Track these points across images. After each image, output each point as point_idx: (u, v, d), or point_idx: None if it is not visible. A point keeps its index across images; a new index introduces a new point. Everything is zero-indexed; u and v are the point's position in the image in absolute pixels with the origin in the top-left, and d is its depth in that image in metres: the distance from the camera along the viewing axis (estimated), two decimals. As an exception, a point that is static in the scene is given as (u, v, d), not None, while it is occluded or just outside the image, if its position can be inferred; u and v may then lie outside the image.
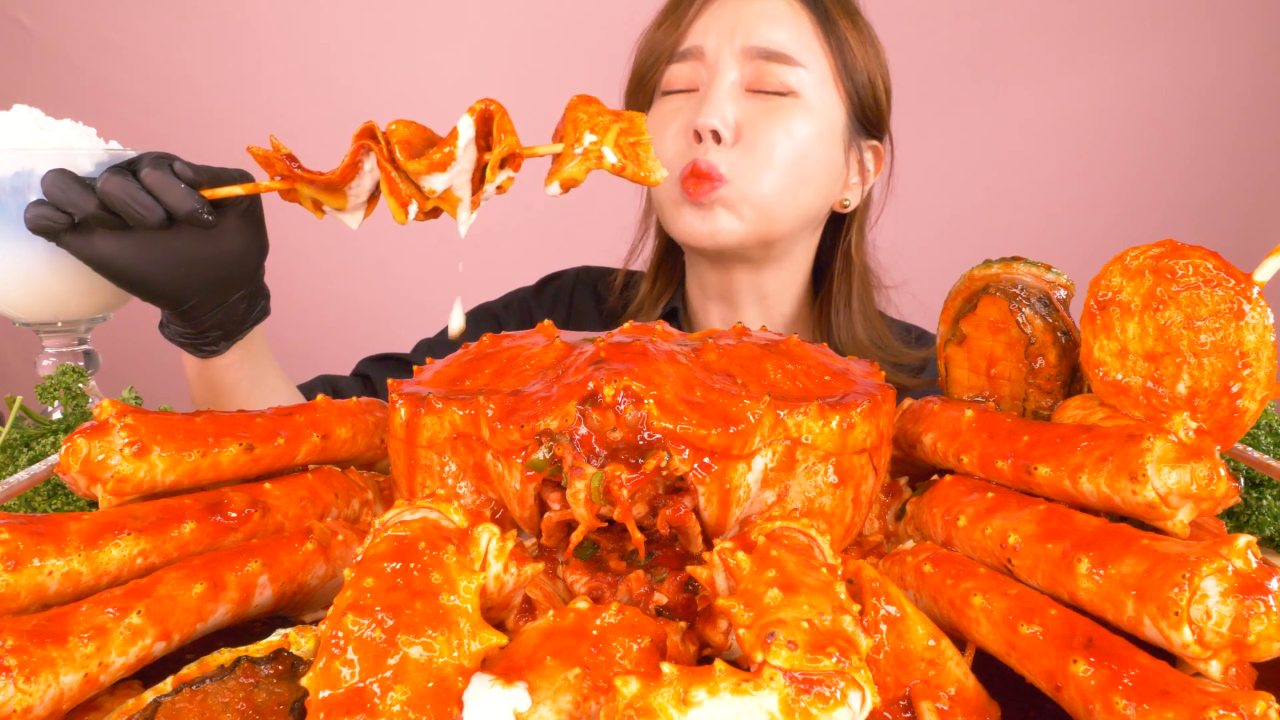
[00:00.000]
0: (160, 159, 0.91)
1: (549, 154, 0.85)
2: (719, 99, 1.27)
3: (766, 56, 1.28)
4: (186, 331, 1.06)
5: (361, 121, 0.84)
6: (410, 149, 0.82)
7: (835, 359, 0.83)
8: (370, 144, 0.83)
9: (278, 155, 0.85)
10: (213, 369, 1.12)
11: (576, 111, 0.85)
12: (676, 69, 1.33)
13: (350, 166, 0.84)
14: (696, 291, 1.47)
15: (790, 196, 1.29)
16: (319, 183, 0.85)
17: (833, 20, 1.32)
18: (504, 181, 0.84)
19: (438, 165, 0.81)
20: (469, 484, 0.74)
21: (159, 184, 0.90)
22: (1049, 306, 0.80)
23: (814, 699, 0.45)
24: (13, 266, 1.02)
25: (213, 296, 1.02)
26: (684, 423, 0.65)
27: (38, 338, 1.11)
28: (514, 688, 0.50)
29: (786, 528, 0.59)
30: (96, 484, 0.70)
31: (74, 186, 0.90)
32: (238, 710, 0.54)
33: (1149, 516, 0.62)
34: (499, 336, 0.84)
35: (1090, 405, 0.73)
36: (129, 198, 0.89)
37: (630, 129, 0.84)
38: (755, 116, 1.28)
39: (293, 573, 0.68)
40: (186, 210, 0.91)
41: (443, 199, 0.84)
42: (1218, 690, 0.50)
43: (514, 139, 0.82)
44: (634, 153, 0.84)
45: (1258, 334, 0.66)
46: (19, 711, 0.52)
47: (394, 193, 0.83)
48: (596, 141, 0.83)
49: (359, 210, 0.88)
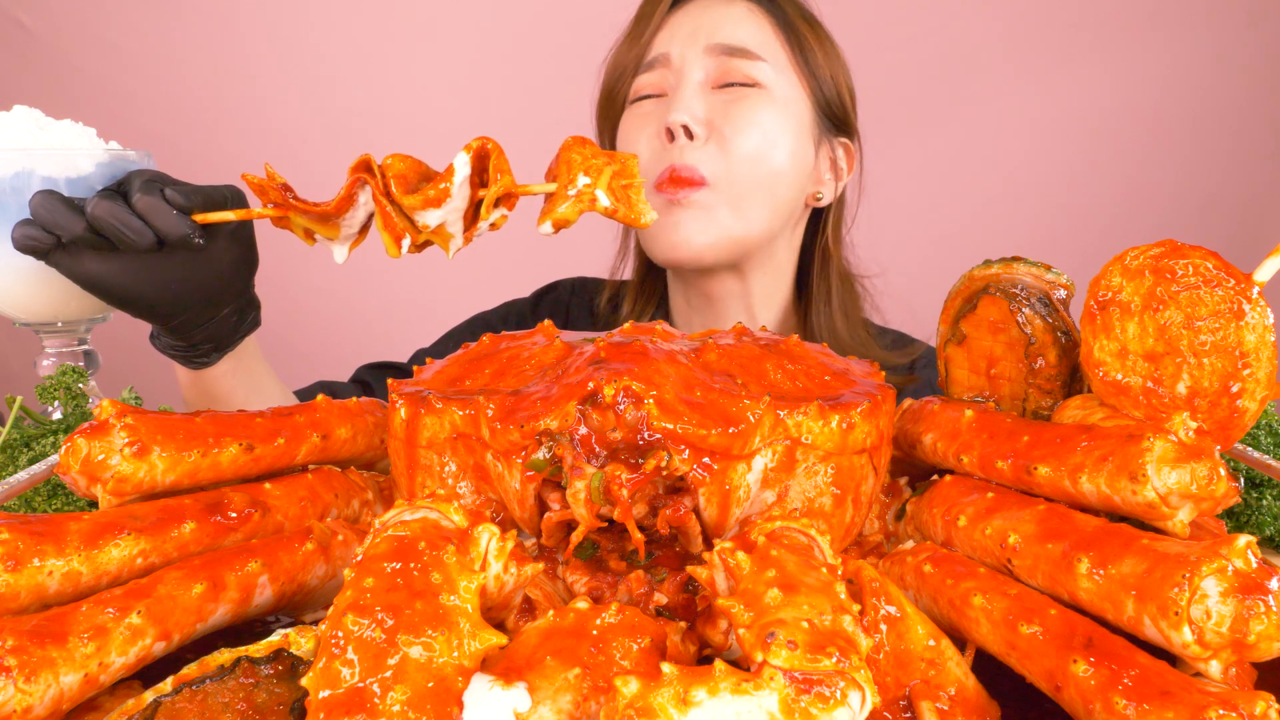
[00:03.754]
0: (151, 183, 0.90)
1: (542, 192, 0.86)
2: (688, 96, 1.29)
3: (729, 53, 1.31)
4: (177, 344, 1.07)
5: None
6: (405, 183, 0.83)
7: (835, 359, 0.83)
8: (366, 177, 0.84)
9: (273, 184, 0.85)
10: (205, 380, 1.12)
11: (571, 153, 0.86)
12: (644, 78, 1.36)
13: (345, 199, 0.85)
14: (681, 305, 1.47)
15: (764, 189, 1.30)
16: (313, 213, 0.85)
17: (791, 22, 1.35)
18: (498, 219, 0.86)
19: (433, 201, 0.83)
20: (469, 484, 0.74)
21: (150, 209, 0.89)
22: (1049, 306, 0.80)
23: (814, 699, 0.45)
24: (13, 266, 1.02)
25: (203, 312, 1.02)
26: (684, 423, 0.65)
27: (38, 338, 1.11)
28: (514, 688, 0.50)
29: (786, 528, 0.59)
30: (96, 484, 0.70)
31: (61, 208, 0.89)
32: (238, 710, 0.54)
33: (1149, 516, 0.62)
34: (499, 337, 0.84)
35: (1090, 405, 0.73)
36: (119, 222, 0.89)
37: (622, 172, 0.86)
38: (723, 109, 1.29)
39: (293, 573, 0.68)
40: (178, 236, 0.90)
41: (436, 234, 0.85)
42: (1218, 690, 0.50)
43: (510, 179, 0.84)
44: (625, 195, 0.86)
45: (1258, 334, 0.66)
46: (19, 711, 0.52)
47: (388, 227, 0.84)
48: (590, 184, 0.85)
49: (348, 241, 0.89)
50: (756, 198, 1.30)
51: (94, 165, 0.99)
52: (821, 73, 1.36)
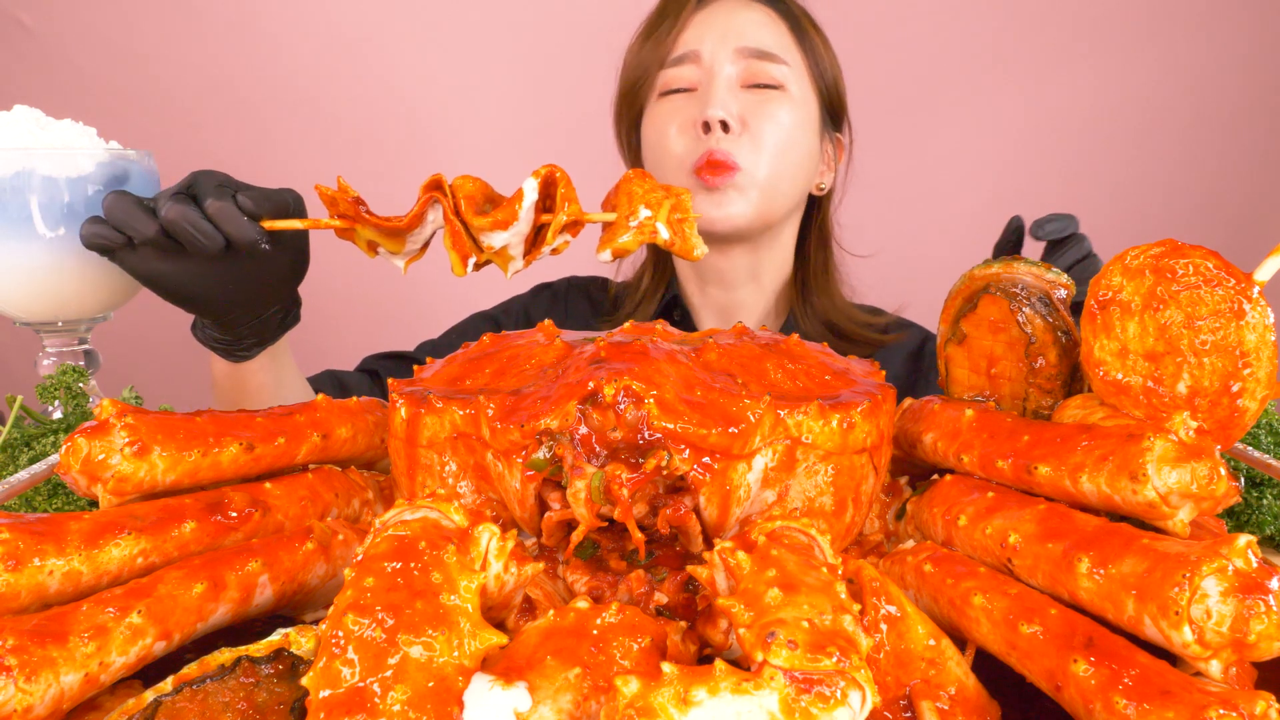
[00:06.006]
0: (223, 187, 0.91)
1: (601, 221, 0.91)
2: (722, 93, 1.40)
3: (758, 55, 1.43)
4: (223, 338, 1.07)
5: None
6: (473, 204, 0.87)
7: (835, 358, 0.83)
8: (439, 196, 0.86)
9: (345, 196, 0.88)
10: (242, 372, 1.14)
11: (631, 185, 0.92)
12: (674, 72, 1.45)
13: (417, 215, 0.87)
14: (692, 279, 1.57)
15: (787, 179, 1.44)
16: (385, 228, 0.88)
17: (803, 28, 1.49)
18: (560, 245, 0.89)
19: (500, 224, 0.86)
20: (469, 484, 0.74)
21: (222, 214, 0.90)
22: (1049, 306, 0.80)
23: (814, 698, 0.45)
24: (13, 266, 1.02)
25: (254, 310, 1.04)
26: (684, 422, 0.65)
27: (38, 337, 1.11)
28: (514, 687, 0.50)
29: (787, 527, 0.59)
30: (97, 483, 0.70)
31: (135, 210, 0.90)
32: (238, 710, 0.54)
33: (1149, 516, 0.62)
34: (499, 336, 0.84)
35: (1090, 405, 0.73)
36: (191, 226, 0.89)
37: (678, 206, 0.91)
38: (752, 108, 1.41)
39: (293, 572, 0.68)
40: (248, 241, 0.91)
41: (498, 255, 0.89)
42: (1218, 690, 0.50)
43: (578, 206, 0.88)
44: (680, 229, 0.91)
45: (1258, 333, 0.66)
46: (19, 711, 0.52)
47: (457, 246, 0.87)
48: (651, 217, 0.90)
49: (409, 255, 0.92)
50: (780, 186, 1.43)
51: (94, 165, 0.99)
52: (827, 75, 1.50)
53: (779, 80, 1.43)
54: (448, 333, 1.61)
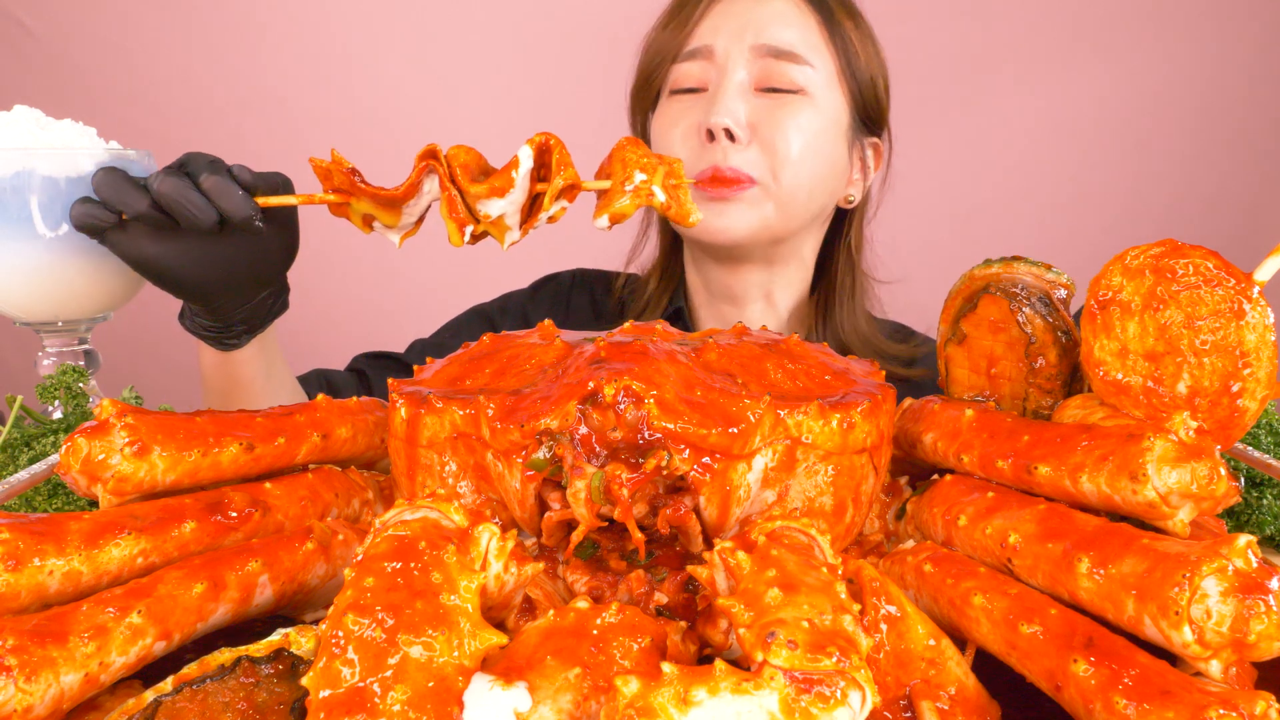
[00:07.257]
0: (216, 163, 0.91)
1: (596, 189, 0.90)
2: (730, 97, 1.28)
3: (776, 55, 1.29)
4: (212, 326, 1.06)
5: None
6: (468, 173, 0.86)
7: (835, 358, 0.83)
8: (434, 164, 0.86)
9: (339, 168, 0.87)
10: (231, 362, 1.12)
11: (625, 152, 0.91)
12: (685, 68, 1.34)
13: (413, 184, 0.87)
14: (700, 290, 1.48)
15: (805, 193, 1.31)
16: (381, 198, 0.88)
17: (837, 21, 1.33)
18: (557, 212, 0.89)
19: (497, 191, 0.86)
20: (469, 484, 0.74)
21: (216, 188, 0.89)
22: (1049, 306, 0.80)
23: (814, 698, 0.45)
24: (13, 266, 1.02)
25: (244, 295, 1.03)
26: (684, 422, 0.65)
27: (38, 337, 1.11)
28: (514, 687, 0.50)
29: (787, 527, 0.59)
30: (97, 484, 0.70)
31: (125, 185, 0.90)
32: (238, 710, 0.54)
33: (1149, 516, 0.62)
34: (499, 336, 0.84)
35: (1090, 405, 0.73)
36: (184, 200, 0.89)
37: (671, 173, 0.91)
38: (766, 114, 1.29)
39: (293, 572, 0.68)
40: (242, 216, 0.90)
41: (493, 225, 0.88)
42: (1218, 690, 0.50)
43: (573, 171, 0.87)
44: (675, 195, 0.90)
45: (1258, 333, 0.66)
46: (19, 711, 0.52)
47: (453, 214, 0.86)
48: (646, 180, 0.89)
49: (406, 229, 0.91)
50: (797, 199, 1.31)
51: (94, 165, 0.99)
52: (862, 75, 1.36)
53: (798, 85, 1.29)
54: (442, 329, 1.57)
